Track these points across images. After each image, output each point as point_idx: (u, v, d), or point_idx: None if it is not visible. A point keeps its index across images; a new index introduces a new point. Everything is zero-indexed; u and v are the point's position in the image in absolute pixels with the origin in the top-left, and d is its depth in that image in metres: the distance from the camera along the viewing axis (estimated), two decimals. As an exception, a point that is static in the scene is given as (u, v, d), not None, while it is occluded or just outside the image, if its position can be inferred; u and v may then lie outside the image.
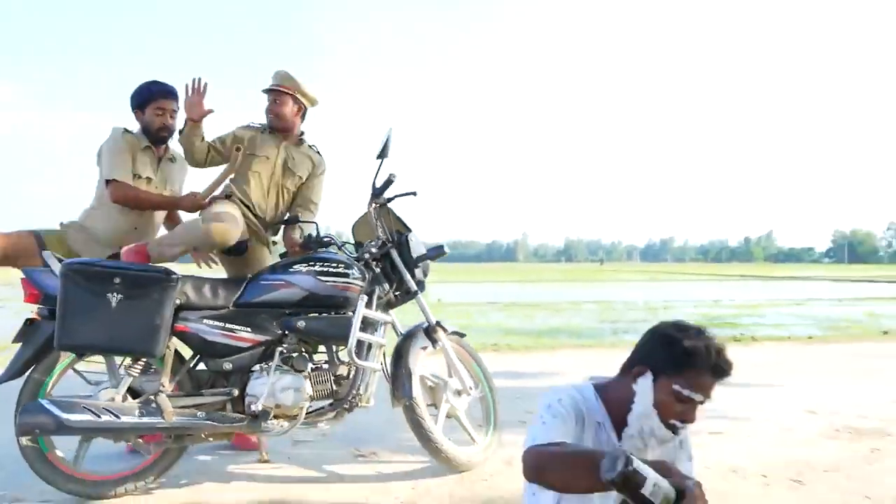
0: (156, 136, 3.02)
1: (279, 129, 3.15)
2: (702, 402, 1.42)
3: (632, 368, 1.49)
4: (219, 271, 3.11)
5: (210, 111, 2.93)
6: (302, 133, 3.25)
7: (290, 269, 2.69)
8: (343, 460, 3.03)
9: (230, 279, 2.86)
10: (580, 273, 45.55)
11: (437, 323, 2.91)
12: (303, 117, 3.23)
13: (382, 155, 2.84)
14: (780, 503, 2.55)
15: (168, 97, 3.01)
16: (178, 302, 2.50)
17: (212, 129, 3.09)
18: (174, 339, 2.56)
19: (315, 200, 3.28)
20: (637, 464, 1.11)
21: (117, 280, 2.38)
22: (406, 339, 2.88)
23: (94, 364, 2.63)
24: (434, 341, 2.89)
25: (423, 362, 2.87)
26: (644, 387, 1.44)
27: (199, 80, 2.92)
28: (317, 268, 2.68)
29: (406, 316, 3.26)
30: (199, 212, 2.92)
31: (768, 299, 15.76)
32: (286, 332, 2.65)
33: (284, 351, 2.66)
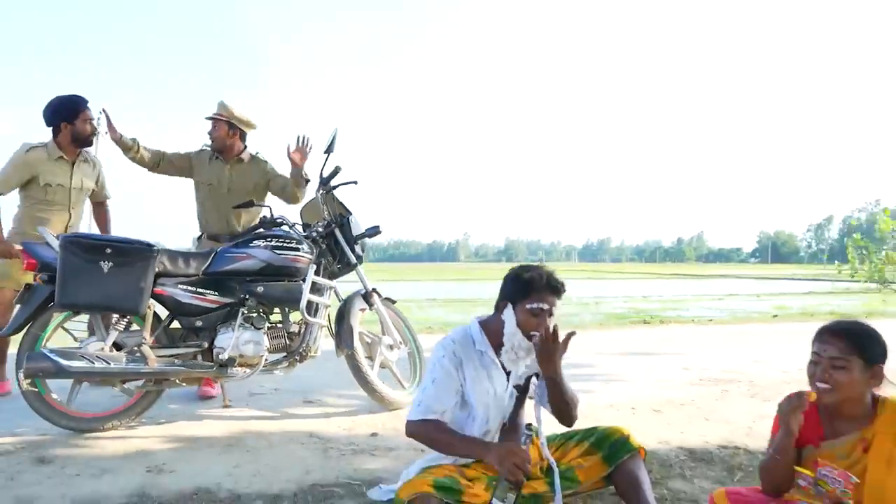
0: (86, 142, 3.66)
1: (219, 150, 3.81)
2: (550, 313, 2.05)
3: (498, 304, 2.14)
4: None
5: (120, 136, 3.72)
6: (243, 150, 3.89)
7: (251, 244, 3.26)
8: (294, 405, 3.62)
9: (200, 252, 3.39)
10: (520, 272, 46.64)
11: (374, 289, 3.54)
12: (242, 138, 3.88)
13: (329, 150, 3.44)
14: (642, 424, 3.28)
15: (88, 108, 3.65)
16: (157, 269, 3.03)
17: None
18: (153, 301, 3.09)
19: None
20: None
21: (108, 250, 2.89)
22: (347, 302, 3.49)
23: (80, 324, 3.15)
24: (370, 304, 3.52)
25: (361, 322, 3.49)
26: (508, 314, 2.07)
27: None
28: (273, 243, 3.26)
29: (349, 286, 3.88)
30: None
31: (693, 295, 17.00)
32: (247, 296, 3.21)
33: (246, 311, 3.22)
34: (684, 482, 2.57)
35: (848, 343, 1.71)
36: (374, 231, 3.58)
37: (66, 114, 3.56)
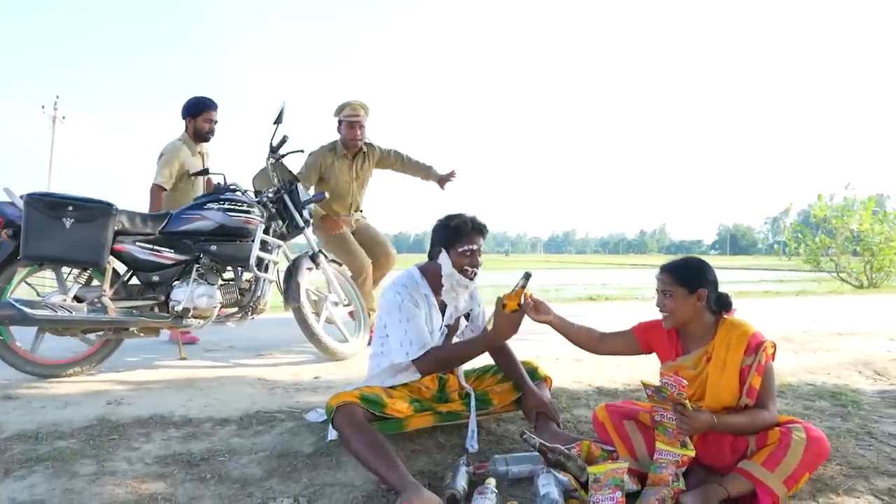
0: (203, 138, 4.31)
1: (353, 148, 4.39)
2: (479, 251, 2.40)
3: (433, 252, 2.46)
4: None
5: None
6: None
7: (205, 207, 3.52)
8: (246, 357, 3.91)
9: (157, 214, 3.64)
10: (486, 262, 47.22)
11: (320, 251, 3.85)
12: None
13: (278, 121, 3.71)
14: (561, 370, 3.66)
15: (214, 109, 4.29)
16: (116, 228, 3.28)
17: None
18: (112, 259, 3.34)
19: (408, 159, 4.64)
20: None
21: (70, 208, 3.13)
22: (295, 261, 3.80)
23: (43, 280, 3.39)
24: (317, 264, 3.83)
25: (309, 280, 3.80)
26: (443, 258, 2.40)
27: None
28: (225, 206, 3.53)
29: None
30: None
31: (651, 283, 17.60)
32: (201, 254, 3.49)
33: (200, 268, 3.50)
34: (587, 409, 2.95)
35: (672, 276, 2.15)
36: (319, 197, 3.89)
37: (193, 111, 4.23)
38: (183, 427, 2.54)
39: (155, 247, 3.40)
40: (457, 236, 2.36)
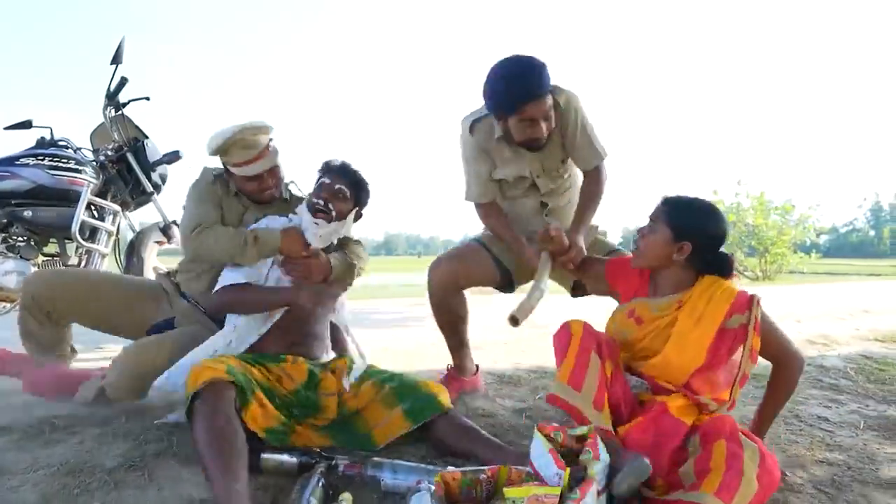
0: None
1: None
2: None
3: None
4: None
5: None
6: None
7: (17, 162, 2.81)
8: (83, 352, 3.20)
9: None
10: (398, 264, 46.90)
11: (173, 222, 3.19)
12: None
13: (116, 61, 3.03)
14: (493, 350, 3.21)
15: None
16: None
17: None
18: None
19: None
20: None
21: None
22: (140, 233, 3.13)
23: None
24: (169, 238, 3.17)
25: (155, 254, 3.15)
26: (302, 209, 1.98)
27: None
28: (46, 162, 2.84)
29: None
30: None
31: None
32: (12, 222, 2.78)
33: (10, 238, 2.78)
34: (486, 401, 2.50)
35: (665, 211, 1.76)
36: (173, 156, 3.22)
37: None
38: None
39: (-56, 211, 2.67)
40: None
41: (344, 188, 1.97)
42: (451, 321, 2.34)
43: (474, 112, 2.17)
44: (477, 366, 2.52)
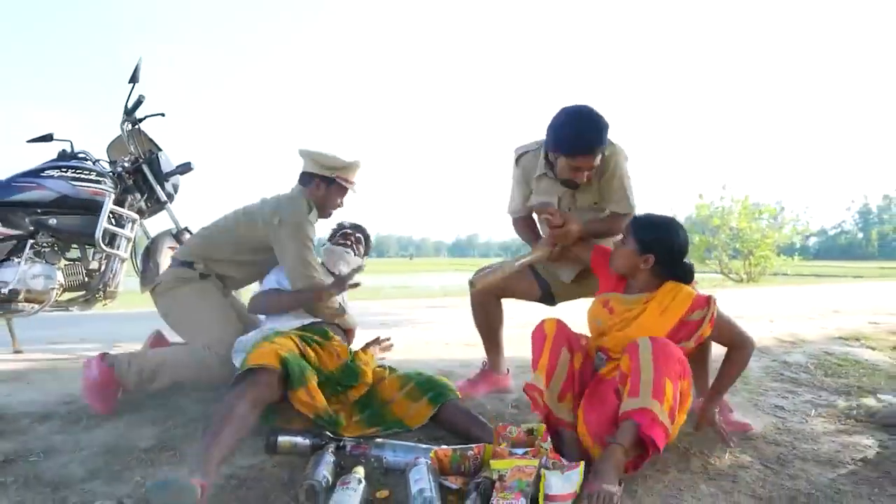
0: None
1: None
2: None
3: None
4: None
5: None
6: None
7: (43, 174, 3.03)
8: (97, 350, 3.42)
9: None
10: (389, 266, 47.06)
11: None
12: None
13: (133, 80, 3.26)
14: (450, 353, 3.46)
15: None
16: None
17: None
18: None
19: None
20: None
21: None
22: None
23: None
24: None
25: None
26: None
27: None
28: (69, 174, 3.06)
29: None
30: None
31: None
32: (38, 229, 3.00)
33: (37, 245, 3.01)
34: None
35: (633, 228, 2.10)
36: (185, 168, 3.46)
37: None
38: (-12, 424, 2.10)
39: (-27, 219, 2.88)
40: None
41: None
42: (488, 324, 2.70)
43: (525, 145, 2.54)
44: (507, 369, 2.82)
